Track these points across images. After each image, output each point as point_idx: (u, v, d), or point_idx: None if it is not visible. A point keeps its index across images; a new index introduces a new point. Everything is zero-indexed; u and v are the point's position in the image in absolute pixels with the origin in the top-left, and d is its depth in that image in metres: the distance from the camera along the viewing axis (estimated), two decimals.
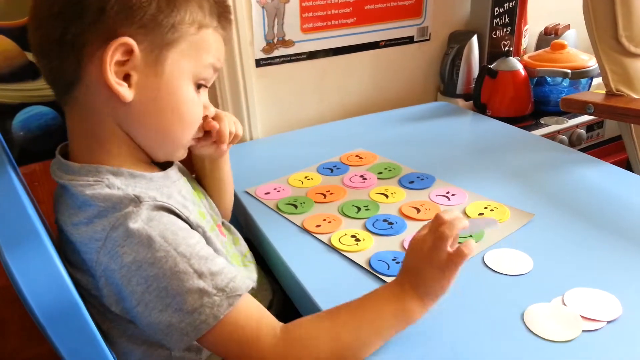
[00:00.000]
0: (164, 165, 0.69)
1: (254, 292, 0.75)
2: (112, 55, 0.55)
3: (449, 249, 0.57)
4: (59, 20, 0.56)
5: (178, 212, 0.60)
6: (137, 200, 0.56)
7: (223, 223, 0.78)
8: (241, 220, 0.94)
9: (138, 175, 0.61)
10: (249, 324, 0.57)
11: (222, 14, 0.65)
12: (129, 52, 0.56)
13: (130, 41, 0.56)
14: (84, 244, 0.56)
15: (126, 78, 0.58)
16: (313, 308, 0.67)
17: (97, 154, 0.61)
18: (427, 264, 0.57)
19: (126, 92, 0.58)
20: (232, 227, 0.80)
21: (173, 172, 0.68)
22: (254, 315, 0.58)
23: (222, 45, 0.66)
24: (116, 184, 0.58)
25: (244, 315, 0.57)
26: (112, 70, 0.56)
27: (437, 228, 0.57)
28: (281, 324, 0.58)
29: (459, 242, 0.57)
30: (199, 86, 0.64)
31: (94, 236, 0.55)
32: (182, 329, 0.55)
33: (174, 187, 0.66)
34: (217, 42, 0.64)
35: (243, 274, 0.62)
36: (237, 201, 0.94)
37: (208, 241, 0.63)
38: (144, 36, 0.57)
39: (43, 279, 0.47)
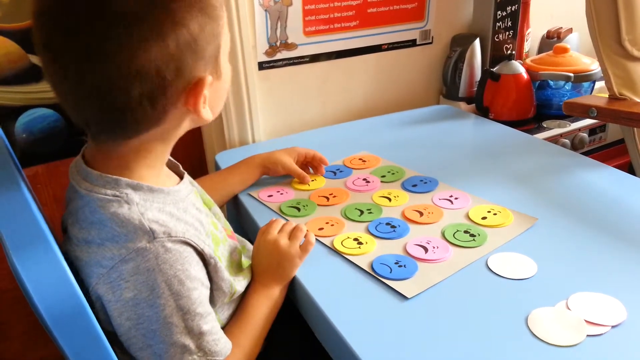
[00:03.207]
0: (178, 172, 0.70)
1: None
2: (199, 97, 0.57)
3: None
4: (136, 83, 0.52)
5: (194, 244, 0.60)
6: (151, 235, 0.56)
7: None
8: (244, 223, 0.94)
9: (156, 190, 0.61)
10: None
11: None
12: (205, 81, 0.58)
13: (208, 79, 0.57)
14: (88, 266, 0.57)
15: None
16: (316, 311, 0.67)
17: (119, 166, 0.60)
18: (288, 258, 0.73)
19: (209, 115, 0.60)
20: (240, 237, 0.82)
21: (185, 185, 0.68)
22: None
23: None
24: (135, 199, 0.58)
25: None
26: (201, 107, 0.58)
27: (284, 230, 0.76)
28: None
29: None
30: None
31: (101, 262, 0.55)
32: None
33: (189, 200, 0.66)
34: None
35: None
36: (240, 204, 0.94)
37: (218, 270, 0.63)
38: (207, 63, 0.58)
39: (50, 281, 0.47)
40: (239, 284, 0.70)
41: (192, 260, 0.59)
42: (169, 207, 0.61)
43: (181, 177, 0.69)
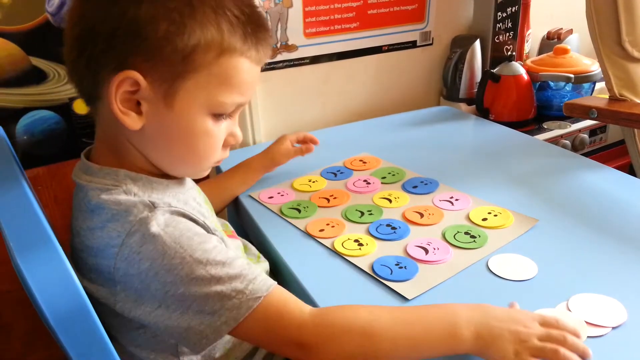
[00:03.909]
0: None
1: None
2: (118, 87, 0.55)
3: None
4: (77, 43, 0.57)
5: (194, 217, 0.59)
6: (151, 206, 0.56)
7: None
8: (244, 225, 0.94)
9: (155, 181, 0.62)
10: (272, 317, 0.56)
11: (250, 33, 0.58)
12: (137, 83, 0.55)
13: (136, 75, 0.55)
14: (100, 250, 0.56)
15: (139, 104, 0.57)
16: None
17: (115, 160, 0.61)
18: (517, 346, 0.54)
19: (133, 121, 0.57)
20: (242, 239, 0.81)
21: (188, 180, 0.69)
22: (277, 310, 0.57)
23: (250, 74, 0.60)
24: (133, 190, 0.58)
25: (264, 314, 0.56)
26: (118, 100, 0.56)
27: (560, 343, 0.54)
28: (311, 309, 0.58)
29: None
30: (218, 115, 0.61)
31: (110, 242, 0.55)
32: (201, 331, 0.55)
33: (189, 194, 0.66)
34: (242, 72, 0.59)
35: (264, 274, 0.60)
36: (240, 205, 0.94)
37: (224, 242, 0.63)
38: (152, 68, 0.55)
39: (54, 281, 0.47)
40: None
41: (196, 226, 0.59)
42: (167, 198, 0.60)
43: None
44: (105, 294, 0.57)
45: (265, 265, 0.78)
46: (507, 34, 1.44)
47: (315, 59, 1.29)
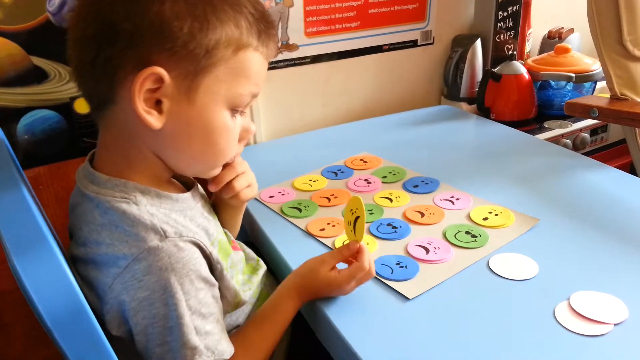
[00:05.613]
0: (187, 184, 0.70)
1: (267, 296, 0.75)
2: (142, 85, 0.54)
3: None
4: (93, 43, 0.55)
5: (203, 246, 0.60)
6: (162, 234, 0.56)
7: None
8: (245, 224, 0.94)
9: (164, 195, 0.61)
10: None
11: (263, 30, 0.61)
12: (160, 80, 0.55)
13: (161, 71, 0.55)
14: (103, 264, 0.57)
15: (158, 103, 0.57)
16: (316, 312, 0.67)
17: (123, 169, 0.60)
18: (341, 293, 0.68)
19: (155, 120, 0.57)
20: (240, 243, 0.81)
21: (196, 194, 0.68)
22: None
23: (262, 67, 0.63)
24: (143, 202, 0.58)
25: None
26: (142, 98, 0.55)
27: (361, 278, 0.67)
28: None
29: None
30: (235, 110, 0.62)
31: (116, 262, 0.56)
32: None
33: (197, 209, 0.66)
34: (256, 64, 0.61)
35: (226, 337, 0.63)
36: None
37: (224, 278, 0.64)
38: (175, 64, 0.56)
39: (51, 283, 0.47)
40: (245, 294, 0.70)
41: (202, 262, 0.60)
42: (174, 214, 0.61)
43: (190, 187, 0.69)
44: (96, 306, 0.57)
45: (262, 269, 0.78)
46: (508, 33, 1.44)
47: (316, 59, 1.29)
